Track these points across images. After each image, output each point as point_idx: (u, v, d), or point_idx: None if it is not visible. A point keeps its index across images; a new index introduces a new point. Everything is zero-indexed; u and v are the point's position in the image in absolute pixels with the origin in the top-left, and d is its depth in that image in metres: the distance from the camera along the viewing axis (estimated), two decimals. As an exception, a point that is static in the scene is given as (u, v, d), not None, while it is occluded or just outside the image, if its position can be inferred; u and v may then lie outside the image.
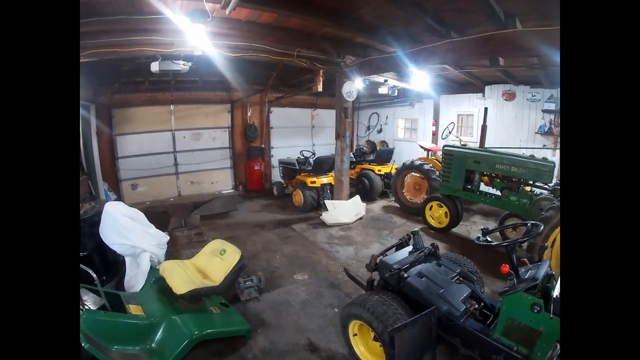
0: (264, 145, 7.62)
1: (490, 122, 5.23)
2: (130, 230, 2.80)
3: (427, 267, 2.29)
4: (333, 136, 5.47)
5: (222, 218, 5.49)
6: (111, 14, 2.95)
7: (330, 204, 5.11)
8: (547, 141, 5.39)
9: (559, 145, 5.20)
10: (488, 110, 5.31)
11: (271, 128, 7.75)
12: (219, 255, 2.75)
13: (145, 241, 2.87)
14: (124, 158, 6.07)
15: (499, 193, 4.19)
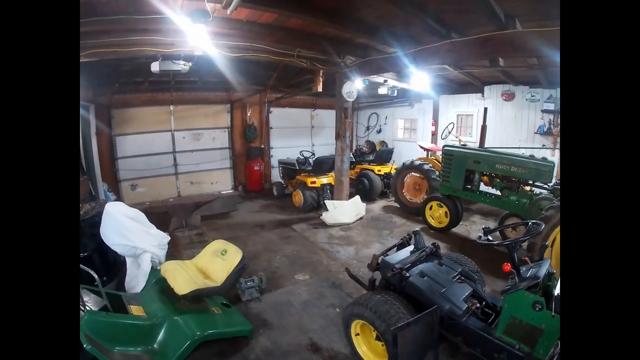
0: (263, 146, 7.62)
1: (490, 122, 5.25)
2: (131, 230, 2.79)
3: (429, 267, 2.30)
4: (332, 136, 5.47)
5: (222, 218, 5.48)
6: (111, 14, 2.94)
7: (330, 204, 5.11)
8: (547, 141, 5.42)
9: (558, 145, 5.23)
10: (487, 110, 5.34)
11: (271, 128, 7.75)
12: (220, 255, 2.75)
13: (146, 242, 2.86)
14: (124, 158, 6.05)
15: (499, 193, 4.21)
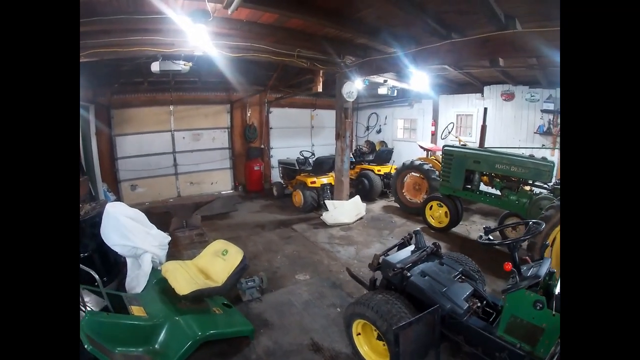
0: (263, 146, 7.62)
1: (490, 122, 5.27)
2: (131, 231, 2.79)
3: (430, 266, 2.31)
4: (332, 136, 5.48)
5: (222, 219, 5.47)
6: (112, 14, 2.93)
7: (330, 204, 5.11)
8: (546, 141, 5.44)
9: (557, 145, 5.25)
10: (487, 110, 5.35)
11: (270, 128, 7.75)
12: (221, 255, 2.74)
13: (146, 242, 2.86)
14: (123, 159, 6.04)
15: (499, 193, 4.22)
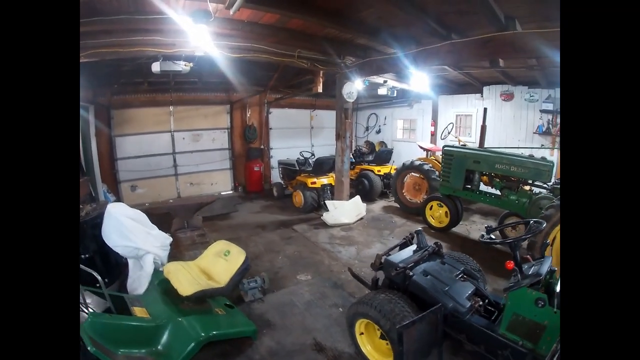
0: (263, 146, 7.62)
1: (489, 123, 5.29)
2: (133, 232, 2.78)
3: (432, 266, 2.32)
4: (332, 137, 5.48)
5: (223, 219, 5.47)
6: (113, 14, 2.93)
7: (331, 205, 5.12)
8: (545, 141, 5.47)
9: (557, 144, 5.28)
10: (487, 110, 5.37)
11: (270, 129, 7.75)
12: (223, 256, 2.75)
13: (148, 243, 2.85)
14: (123, 159, 6.02)
15: (499, 192, 4.24)
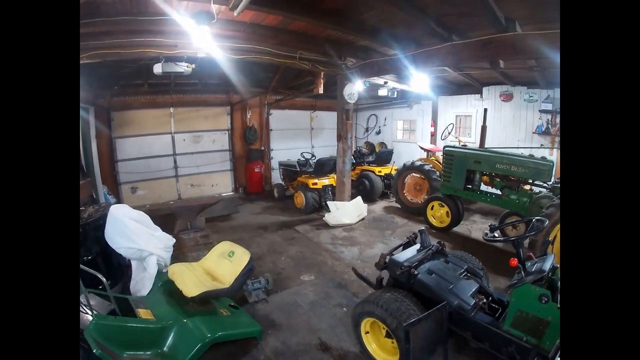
0: (263, 148, 7.63)
1: (489, 123, 5.32)
2: (136, 233, 2.77)
3: (436, 264, 2.34)
4: (332, 138, 5.52)
5: (224, 220, 5.46)
6: (115, 15, 2.92)
7: (332, 205, 5.13)
8: (545, 141, 5.52)
9: (556, 144, 5.33)
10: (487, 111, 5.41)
11: (271, 130, 7.76)
12: (227, 257, 2.75)
13: (152, 244, 2.84)
14: (124, 161, 6.01)
15: (499, 192, 4.27)
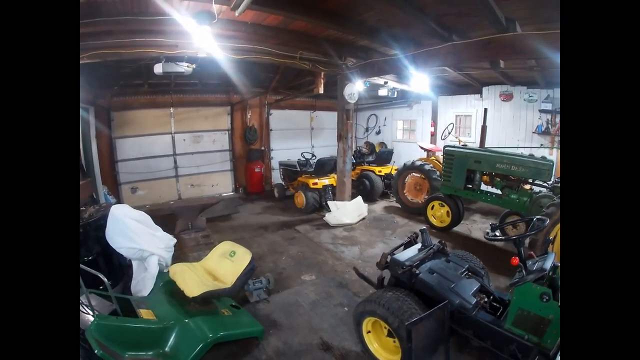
0: (263, 148, 7.63)
1: (489, 123, 5.33)
2: (137, 233, 2.77)
3: (437, 264, 2.34)
4: (332, 138, 5.52)
5: (224, 220, 5.45)
6: (116, 15, 2.92)
7: (333, 205, 5.13)
8: (545, 140, 5.53)
9: (556, 144, 5.35)
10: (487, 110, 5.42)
11: (271, 130, 7.77)
12: (228, 257, 2.74)
13: (153, 244, 2.84)
14: (124, 161, 6.00)
15: (500, 192, 4.28)
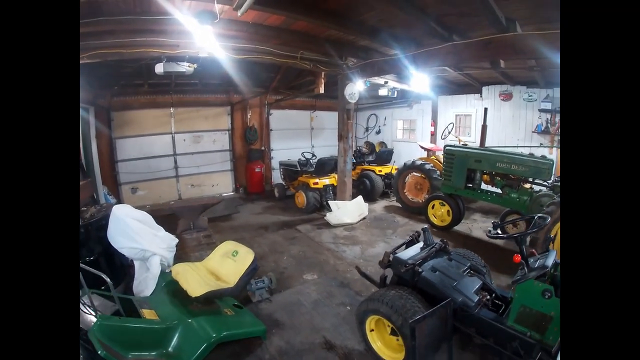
0: (264, 148, 7.63)
1: (488, 122, 5.35)
2: (139, 233, 2.77)
3: (439, 262, 2.36)
4: (332, 138, 5.54)
5: (225, 220, 5.45)
6: (117, 14, 2.92)
7: (334, 205, 5.14)
8: (544, 140, 5.56)
9: (555, 143, 5.37)
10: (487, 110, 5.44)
11: (271, 130, 7.76)
12: (231, 256, 2.75)
13: (155, 244, 2.84)
14: (124, 161, 5.99)
15: (500, 191, 4.30)
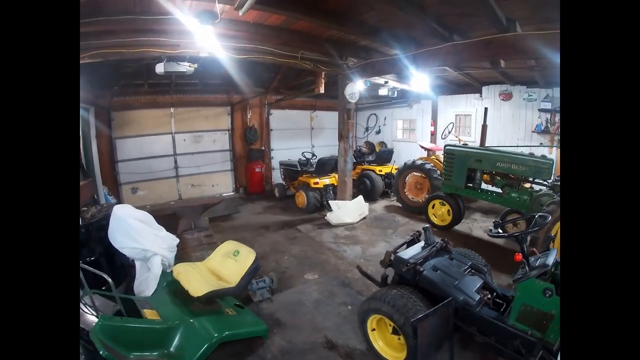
0: (264, 148, 7.63)
1: (488, 122, 5.36)
2: (140, 233, 2.76)
3: (441, 261, 2.36)
4: (332, 138, 5.55)
5: (225, 220, 5.45)
6: (118, 14, 2.91)
7: (334, 204, 5.14)
8: (544, 139, 5.57)
9: (555, 143, 5.39)
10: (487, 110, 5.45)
11: (271, 130, 7.77)
12: (232, 256, 2.75)
13: (156, 244, 2.84)
14: (124, 161, 5.98)
15: (500, 190, 4.32)
